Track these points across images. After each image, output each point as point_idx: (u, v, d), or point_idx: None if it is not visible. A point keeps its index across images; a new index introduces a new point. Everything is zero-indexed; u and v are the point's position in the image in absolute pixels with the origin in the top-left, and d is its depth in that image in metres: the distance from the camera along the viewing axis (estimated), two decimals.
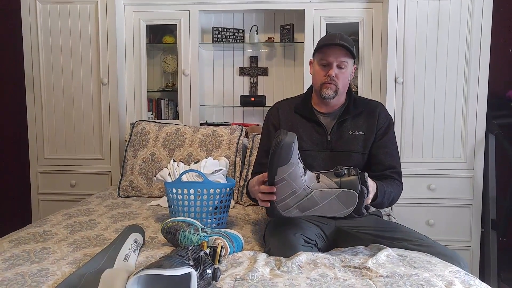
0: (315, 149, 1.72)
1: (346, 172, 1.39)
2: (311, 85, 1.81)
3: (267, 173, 1.40)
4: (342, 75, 1.68)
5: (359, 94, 2.69)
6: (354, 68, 1.77)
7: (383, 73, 2.64)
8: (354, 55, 1.68)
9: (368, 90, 2.70)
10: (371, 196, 1.47)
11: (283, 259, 1.36)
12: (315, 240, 1.55)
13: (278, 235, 1.52)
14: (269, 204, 1.41)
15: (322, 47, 1.67)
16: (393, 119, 2.12)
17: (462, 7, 2.51)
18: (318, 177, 1.41)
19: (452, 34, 2.53)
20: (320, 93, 1.70)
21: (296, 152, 1.36)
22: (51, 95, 2.75)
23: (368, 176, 1.43)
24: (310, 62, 1.80)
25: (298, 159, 1.38)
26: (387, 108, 1.99)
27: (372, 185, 1.49)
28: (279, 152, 1.33)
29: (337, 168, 1.39)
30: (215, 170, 1.80)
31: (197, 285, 1.05)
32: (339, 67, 1.67)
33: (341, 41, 1.64)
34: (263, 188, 1.41)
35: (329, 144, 1.72)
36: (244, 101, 2.92)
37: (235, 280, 1.20)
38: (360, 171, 1.40)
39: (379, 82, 2.69)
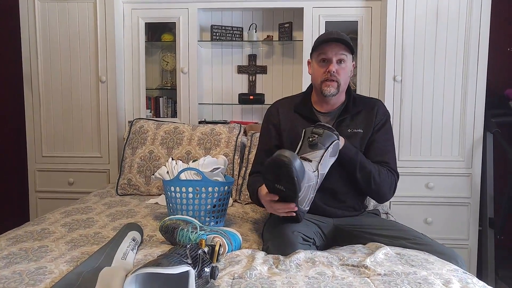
0: None
1: (316, 137, 1.49)
2: (311, 83, 1.80)
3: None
4: (342, 70, 1.66)
5: (358, 92, 2.69)
6: (353, 65, 1.75)
7: (382, 72, 2.64)
8: (352, 50, 1.67)
9: (366, 89, 2.70)
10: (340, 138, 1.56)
11: (281, 257, 1.36)
12: (313, 239, 1.55)
13: (277, 233, 1.52)
14: (294, 214, 1.48)
15: (320, 44, 1.66)
16: (392, 117, 2.12)
17: (461, 5, 2.51)
18: (304, 159, 1.47)
19: (451, 33, 2.53)
20: (321, 91, 1.67)
21: (300, 161, 1.40)
22: (50, 93, 2.74)
23: None
24: (308, 63, 1.78)
25: None
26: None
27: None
28: (296, 174, 1.36)
29: (309, 140, 1.50)
30: (214, 168, 1.80)
31: (195, 283, 1.05)
32: (339, 62, 1.66)
33: (338, 36, 1.64)
34: (283, 208, 1.47)
35: None
36: (243, 99, 2.92)
37: (233, 279, 1.20)
38: (316, 124, 1.55)
39: (377, 81, 2.69)
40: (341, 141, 1.58)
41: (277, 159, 1.36)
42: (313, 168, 1.47)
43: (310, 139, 1.49)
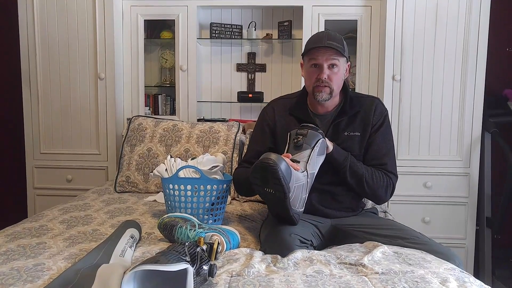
0: None
1: (301, 138, 1.51)
2: None
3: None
4: (335, 75, 1.63)
5: (356, 91, 2.68)
6: (348, 65, 1.71)
7: (381, 71, 2.64)
8: (344, 54, 1.63)
9: (365, 88, 2.70)
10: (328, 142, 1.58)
11: (279, 256, 1.36)
12: (310, 240, 1.54)
13: (274, 236, 1.51)
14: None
15: (311, 49, 1.62)
16: (390, 116, 2.12)
17: (460, 5, 2.52)
18: (293, 160, 1.50)
19: (450, 32, 2.54)
20: (314, 96, 1.66)
21: (286, 162, 1.41)
22: (48, 89, 2.73)
23: None
24: (301, 64, 1.76)
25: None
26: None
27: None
28: (282, 175, 1.37)
29: (294, 141, 1.52)
30: (212, 166, 1.80)
31: (194, 281, 1.05)
32: (330, 66, 1.62)
33: (328, 41, 1.59)
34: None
35: None
36: (242, 97, 2.92)
37: (231, 276, 1.20)
38: (302, 125, 1.57)
39: (376, 80, 2.70)
40: (330, 145, 1.59)
41: (262, 162, 1.39)
42: (302, 169, 1.48)
43: (295, 141, 1.51)
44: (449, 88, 2.56)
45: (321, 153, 1.54)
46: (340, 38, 1.64)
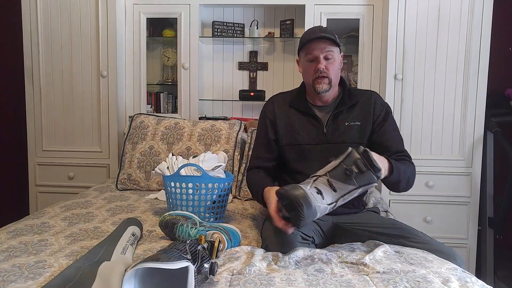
0: (312, 142, 1.72)
1: (355, 172, 1.29)
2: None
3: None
4: (331, 65, 1.67)
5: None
6: (342, 56, 1.76)
7: (383, 70, 2.63)
8: (338, 43, 1.68)
9: (367, 86, 2.70)
10: (383, 171, 1.38)
11: (280, 254, 1.36)
12: (312, 237, 1.55)
13: (276, 232, 1.50)
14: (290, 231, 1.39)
15: (306, 43, 1.67)
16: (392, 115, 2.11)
17: (463, 4, 2.51)
18: (331, 185, 1.32)
19: (452, 32, 2.53)
20: (314, 89, 1.69)
21: (310, 192, 1.29)
22: (50, 87, 2.74)
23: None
24: (297, 61, 1.80)
25: (312, 189, 1.31)
26: None
27: (380, 160, 1.40)
28: (305, 222, 1.28)
29: (346, 172, 1.29)
30: (215, 167, 1.80)
31: (194, 279, 1.05)
32: (326, 58, 1.67)
33: (322, 33, 1.65)
34: (282, 226, 1.38)
35: (326, 137, 1.71)
36: (243, 95, 2.92)
37: (232, 275, 1.20)
38: (364, 151, 1.30)
39: (378, 79, 2.69)
40: (385, 170, 1.42)
41: (293, 200, 1.27)
42: (333, 200, 1.32)
43: (348, 172, 1.29)
44: (451, 87, 2.56)
45: (363, 191, 1.38)
46: (331, 30, 1.70)
